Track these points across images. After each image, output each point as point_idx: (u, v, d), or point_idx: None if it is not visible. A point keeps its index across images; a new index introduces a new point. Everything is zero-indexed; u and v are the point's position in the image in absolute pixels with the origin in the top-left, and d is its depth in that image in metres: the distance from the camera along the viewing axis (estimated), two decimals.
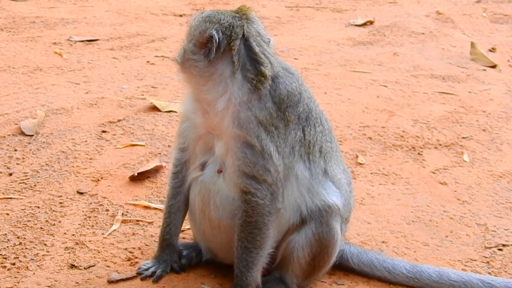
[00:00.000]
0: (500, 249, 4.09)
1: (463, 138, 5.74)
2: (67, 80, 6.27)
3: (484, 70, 7.78)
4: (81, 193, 4.27)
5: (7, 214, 3.98)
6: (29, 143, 4.88)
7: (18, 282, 3.37)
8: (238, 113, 3.12)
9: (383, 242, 4.06)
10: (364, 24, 9.34)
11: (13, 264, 3.52)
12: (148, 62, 7.00)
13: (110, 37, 7.72)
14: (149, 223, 4.02)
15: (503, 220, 4.45)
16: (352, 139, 5.49)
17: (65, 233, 3.84)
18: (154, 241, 3.80)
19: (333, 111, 6.00)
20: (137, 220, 4.04)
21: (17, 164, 4.58)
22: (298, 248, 3.31)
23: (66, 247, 3.70)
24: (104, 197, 4.26)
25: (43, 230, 3.84)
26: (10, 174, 4.44)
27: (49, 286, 3.37)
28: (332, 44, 8.33)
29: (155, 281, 3.45)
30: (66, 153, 4.77)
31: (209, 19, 3.16)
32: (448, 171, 5.12)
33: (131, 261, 3.63)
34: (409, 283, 3.63)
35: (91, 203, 4.18)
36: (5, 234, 3.77)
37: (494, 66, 7.90)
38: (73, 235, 3.82)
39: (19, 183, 4.34)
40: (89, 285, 3.40)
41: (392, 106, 6.33)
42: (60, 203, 4.14)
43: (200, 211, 3.36)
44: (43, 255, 3.61)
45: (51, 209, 4.06)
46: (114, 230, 3.92)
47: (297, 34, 8.69)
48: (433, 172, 5.07)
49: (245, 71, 3.14)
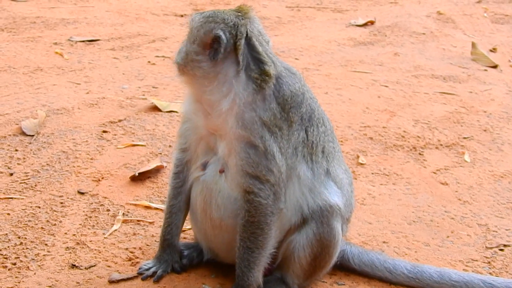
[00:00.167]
0: (501, 249, 4.09)
1: (464, 138, 5.74)
2: (68, 80, 6.27)
3: (485, 70, 7.77)
4: (82, 193, 4.27)
5: (8, 214, 3.98)
6: (30, 143, 4.88)
7: (19, 282, 3.37)
8: (243, 114, 3.11)
9: (384, 242, 4.06)
10: (365, 24, 9.32)
11: (14, 264, 3.52)
12: (149, 62, 6.99)
13: (111, 37, 7.71)
14: (150, 223, 4.02)
15: (504, 220, 4.45)
16: (353, 139, 5.49)
17: (66, 233, 3.83)
18: (155, 241, 3.80)
19: (334, 111, 6.00)
20: (138, 220, 4.04)
21: (18, 164, 4.58)
22: (299, 248, 3.31)
23: (67, 247, 3.70)
24: (105, 197, 4.25)
25: (44, 230, 3.84)
26: (11, 174, 4.44)
27: (50, 286, 3.37)
28: (333, 44, 8.33)
29: (156, 281, 3.44)
30: (67, 153, 4.77)
31: (213, 19, 3.13)
32: (449, 171, 5.12)
33: (132, 261, 3.63)
34: (410, 283, 3.62)
35: (92, 203, 4.18)
36: (6, 234, 3.77)
37: (495, 66, 7.89)
38: (74, 235, 3.82)
39: (20, 183, 4.34)
40: (90, 285, 3.39)
41: (393, 106, 6.32)
42: (61, 203, 4.14)
43: (202, 210, 3.35)
44: (44, 255, 3.61)
45: (52, 209, 4.06)
46: (115, 230, 3.91)
47: (297, 34, 8.68)
48: (434, 172, 5.07)
49: (249, 70, 3.12)
